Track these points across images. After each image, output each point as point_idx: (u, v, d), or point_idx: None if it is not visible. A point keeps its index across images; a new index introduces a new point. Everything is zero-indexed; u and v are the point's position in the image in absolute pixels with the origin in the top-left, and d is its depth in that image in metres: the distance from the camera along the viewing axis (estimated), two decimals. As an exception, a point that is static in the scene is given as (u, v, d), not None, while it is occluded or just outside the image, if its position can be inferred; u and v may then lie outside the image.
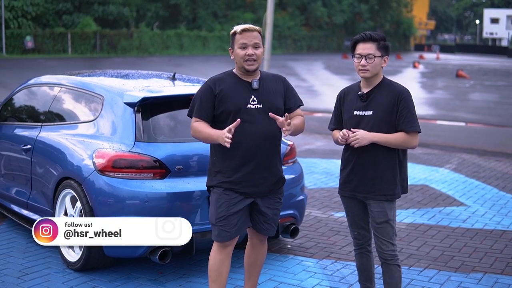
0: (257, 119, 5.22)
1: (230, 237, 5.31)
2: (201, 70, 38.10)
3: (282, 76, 5.54)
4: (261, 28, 5.45)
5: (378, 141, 5.27)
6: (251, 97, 5.26)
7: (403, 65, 55.04)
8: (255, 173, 5.28)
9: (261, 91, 5.30)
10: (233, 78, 5.32)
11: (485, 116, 22.26)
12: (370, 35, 5.37)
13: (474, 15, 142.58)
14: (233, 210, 5.27)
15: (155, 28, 70.08)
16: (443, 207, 9.66)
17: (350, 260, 7.17)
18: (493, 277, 6.82)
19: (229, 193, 5.27)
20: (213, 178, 5.37)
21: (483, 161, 13.62)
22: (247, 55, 5.21)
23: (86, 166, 6.52)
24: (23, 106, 8.38)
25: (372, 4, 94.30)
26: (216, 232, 5.32)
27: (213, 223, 5.34)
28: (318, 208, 9.42)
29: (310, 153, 14.05)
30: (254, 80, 5.30)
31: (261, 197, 5.36)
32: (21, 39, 55.11)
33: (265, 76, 5.40)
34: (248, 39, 5.23)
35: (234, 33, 5.31)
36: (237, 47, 5.26)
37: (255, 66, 5.25)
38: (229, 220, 5.27)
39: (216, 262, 5.38)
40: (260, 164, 5.29)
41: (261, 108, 5.25)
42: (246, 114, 5.22)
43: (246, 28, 5.26)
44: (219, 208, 5.28)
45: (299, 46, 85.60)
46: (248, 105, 5.24)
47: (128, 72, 8.27)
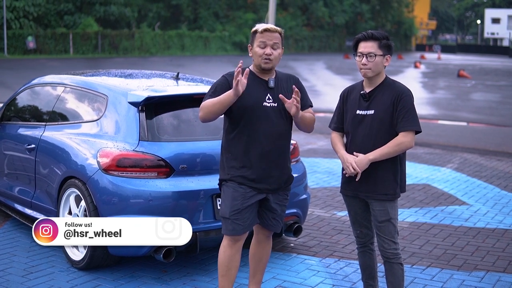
0: (272, 118, 5.29)
1: (244, 230, 5.36)
2: (203, 71, 38.12)
3: (295, 77, 5.60)
4: (283, 30, 5.50)
5: (376, 158, 5.30)
6: (267, 95, 5.32)
7: (404, 65, 55.01)
8: (269, 170, 5.35)
9: (277, 90, 5.35)
10: (250, 75, 5.35)
11: (486, 116, 22.28)
12: (371, 33, 5.39)
13: (475, 15, 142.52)
14: (247, 203, 5.32)
15: (156, 28, 70.10)
16: (445, 206, 9.68)
17: (353, 258, 7.20)
18: (496, 275, 6.84)
19: (244, 188, 5.32)
20: (227, 172, 5.40)
21: (485, 160, 13.63)
22: (265, 54, 5.27)
23: (91, 165, 6.54)
24: (27, 106, 8.41)
25: (373, 4, 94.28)
26: (230, 226, 5.35)
27: (226, 217, 5.36)
28: (321, 207, 9.45)
29: (312, 152, 14.07)
30: (271, 79, 5.36)
31: (272, 193, 5.42)
32: (23, 39, 55.14)
33: (280, 75, 5.47)
34: (268, 38, 5.30)
35: (255, 31, 5.36)
36: (256, 45, 5.32)
37: (270, 65, 5.31)
38: (243, 214, 5.32)
39: (226, 256, 5.42)
40: (274, 162, 5.37)
41: (276, 107, 5.32)
42: (261, 111, 5.29)
43: (268, 28, 5.33)
44: (234, 201, 5.33)
45: (301, 46, 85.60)
46: (264, 103, 5.30)
47: (131, 72, 8.29)
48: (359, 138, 5.40)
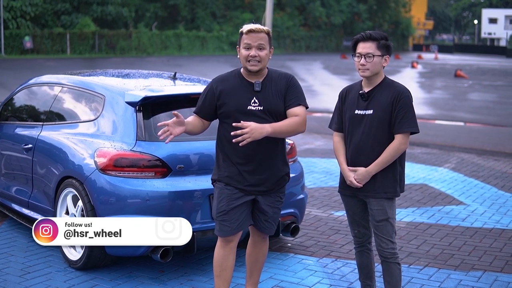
0: (258, 121, 5.19)
1: (232, 232, 5.35)
2: (200, 70, 38.12)
3: (289, 75, 5.44)
4: (269, 30, 5.42)
5: (377, 170, 5.34)
6: (253, 98, 5.28)
7: (401, 65, 55.04)
8: (255, 173, 5.32)
9: (263, 93, 5.29)
10: (237, 78, 5.34)
11: (483, 116, 22.30)
12: (369, 34, 5.39)
13: (472, 15, 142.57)
14: (233, 205, 5.31)
15: (153, 28, 70.05)
16: (442, 206, 9.69)
17: (350, 258, 7.20)
18: (493, 275, 6.85)
19: (230, 188, 5.32)
20: (217, 172, 5.43)
21: (482, 160, 13.64)
22: (250, 56, 5.22)
23: (88, 165, 6.54)
24: (24, 106, 8.40)
25: (370, 4, 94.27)
26: (218, 226, 5.38)
27: (215, 218, 5.40)
28: (318, 207, 9.45)
29: (310, 152, 14.07)
30: (257, 82, 5.30)
31: (261, 195, 5.40)
32: (20, 39, 55.08)
33: (272, 75, 5.38)
34: (252, 40, 5.22)
35: (241, 32, 5.32)
36: (242, 47, 5.27)
37: (258, 67, 5.24)
38: (230, 215, 5.32)
39: (220, 257, 5.43)
40: (260, 165, 5.33)
41: (262, 110, 5.27)
42: (246, 115, 5.24)
43: (252, 29, 5.25)
44: (219, 202, 5.34)
45: (298, 46, 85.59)
46: (248, 107, 5.26)
47: (128, 72, 8.28)
48: (357, 137, 5.40)
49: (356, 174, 5.37)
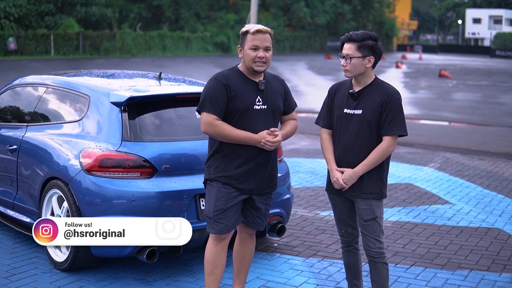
0: (262, 120, 5.29)
1: (228, 229, 5.38)
2: (184, 71, 38.05)
3: (281, 77, 5.62)
4: (272, 30, 5.46)
5: (364, 171, 5.34)
6: (257, 97, 5.33)
7: (386, 65, 55.14)
8: (255, 172, 5.36)
9: (266, 92, 5.36)
10: (240, 76, 5.35)
11: (468, 116, 22.39)
12: (350, 35, 5.38)
13: (456, 15, 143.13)
14: (230, 203, 5.34)
15: (138, 29, 69.90)
16: (428, 205, 9.71)
17: (337, 258, 7.20)
18: (479, 274, 6.87)
19: (227, 188, 5.33)
20: (212, 172, 5.41)
21: (467, 159, 13.69)
22: (258, 57, 5.24)
23: (73, 166, 6.51)
24: (8, 107, 8.34)
25: (354, 4, 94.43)
26: (213, 225, 5.38)
27: (210, 216, 5.38)
28: (304, 207, 9.44)
29: (295, 152, 14.07)
30: (261, 81, 5.34)
31: (257, 194, 5.43)
32: (4, 40, 54.72)
33: (268, 76, 5.47)
34: (260, 41, 5.25)
35: (246, 32, 5.31)
36: (248, 48, 5.27)
37: (264, 67, 5.31)
38: (227, 213, 5.34)
39: (212, 254, 5.44)
40: (261, 164, 5.38)
41: (265, 109, 5.33)
42: (252, 114, 5.29)
43: (260, 29, 5.27)
44: (217, 201, 5.34)
45: (282, 47, 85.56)
46: (254, 106, 5.31)
47: (113, 72, 8.24)
48: (345, 137, 5.40)
49: (343, 176, 5.37)
